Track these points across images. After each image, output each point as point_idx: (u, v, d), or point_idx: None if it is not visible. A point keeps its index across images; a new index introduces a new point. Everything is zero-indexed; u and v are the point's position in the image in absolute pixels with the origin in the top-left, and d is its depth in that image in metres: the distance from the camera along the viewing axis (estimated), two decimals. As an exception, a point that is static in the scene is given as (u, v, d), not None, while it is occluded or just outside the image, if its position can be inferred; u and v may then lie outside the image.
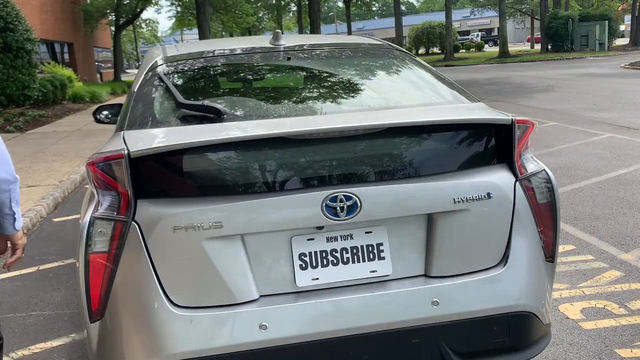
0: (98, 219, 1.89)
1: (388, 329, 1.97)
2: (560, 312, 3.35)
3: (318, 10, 29.42)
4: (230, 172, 1.93)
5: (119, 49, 34.21)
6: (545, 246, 2.17)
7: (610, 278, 3.81)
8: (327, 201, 1.91)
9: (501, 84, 19.56)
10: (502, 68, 28.98)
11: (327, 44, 2.93)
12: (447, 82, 2.58)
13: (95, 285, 1.89)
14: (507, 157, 2.13)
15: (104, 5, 31.03)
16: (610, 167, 6.85)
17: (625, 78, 18.61)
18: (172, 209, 1.87)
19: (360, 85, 2.54)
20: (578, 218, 5.07)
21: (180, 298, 1.89)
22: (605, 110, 11.51)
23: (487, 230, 2.07)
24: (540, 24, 40.77)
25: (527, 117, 2.15)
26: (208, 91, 2.54)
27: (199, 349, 1.86)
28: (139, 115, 2.21)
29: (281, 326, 1.90)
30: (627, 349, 2.93)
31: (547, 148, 8.12)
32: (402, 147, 2.06)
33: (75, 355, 3.22)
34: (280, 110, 2.23)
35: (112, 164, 1.87)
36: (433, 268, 2.04)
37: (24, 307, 3.93)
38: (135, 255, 1.87)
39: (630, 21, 46.60)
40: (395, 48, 2.96)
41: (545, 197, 2.15)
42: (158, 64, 2.59)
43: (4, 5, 13.92)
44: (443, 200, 2.00)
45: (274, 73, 2.71)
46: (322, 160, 1.98)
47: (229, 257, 1.90)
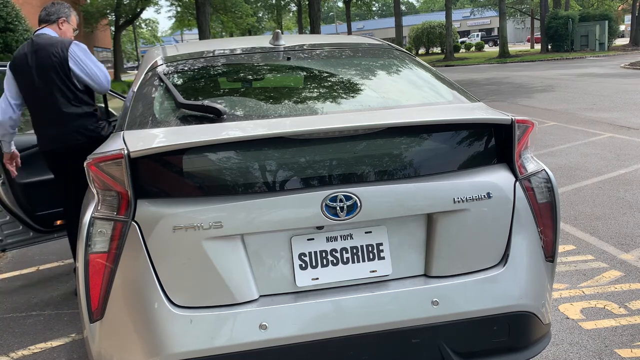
0: (98, 219, 1.89)
1: (388, 329, 1.97)
2: (560, 312, 3.35)
3: (318, 10, 29.42)
4: (230, 172, 1.93)
5: (119, 49, 34.24)
6: (545, 246, 2.17)
7: (610, 278, 3.81)
8: (327, 201, 1.91)
9: (501, 84, 19.56)
10: (502, 68, 28.98)
11: (327, 44, 2.93)
12: (447, 82, 2.58)
13: (95, 285, 1.89)
14: (507, 156, 2.13)
15: (104, 5, 31.08)
16: (610, 167, 6.85)
17: (625, 78, 18.61)
18: (172, 208, 1.87)
19: (360, 85, 2.54)
20: (578, 218, 5.08)
21: (180, 298, 1.89)
22: (605, 110, 11.51)
23: (487, 230, 2.07)
24: (540, 24, 40.75)
25: (527, 117, 2.15)
26: (208, 91, 2.54)
27: (199, 349, 1.86)
28: (138, 115, 2.21)
29: (281, 326, 1.90)
30: (627, 349, 2.93)
31: (547, 148, 8.12)
32: (401, 147, 2.06)
33: (75, 355, 3.22)
34: (280, 110, 2.23)
35: (112, 163, 1.87)
36: (433, 268, 2.04)
37: (24, 307, 3.93)
38: (135, 255, 1.87)
39: (630, 21, 46.59)
40: (395, 48, 2.96)
41: (545, 197, 2.15)
42: (158, 64, 2.59)
43: (4, 5, 13.91)
44: (443, 200, 2.00)
45: (273, 73, 2.71)
46: (322, 160, 1.98)
47: (229, 257, 1.90)
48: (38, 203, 3.97)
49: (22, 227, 3.99)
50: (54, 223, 4.11)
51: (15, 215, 3.91)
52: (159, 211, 1.87)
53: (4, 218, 3.91)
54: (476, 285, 2.04)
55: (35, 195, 3.96)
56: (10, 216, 3.91)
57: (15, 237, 3.99)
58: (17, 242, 4.02)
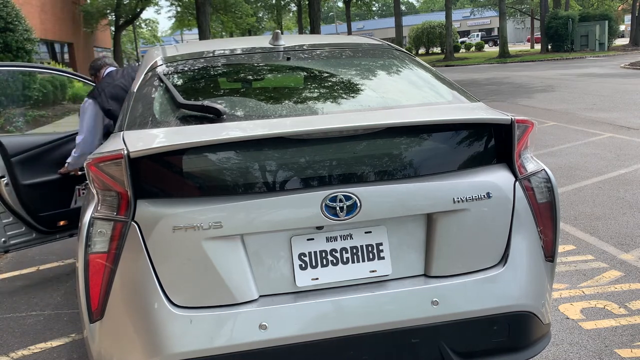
0: (98, 219, 1.89)
1: (388, 329, 1.97)
2: (560, 312, 3.35)
3: (318, 11, 29.41)
4: (230, 172, 1.93)
5: (119, 49, 34.23)
6: (545, 246, 2.17)
7: (610, 278, 3.81)
8: (326, 201, 1.91)
9: (501, 84, 19.56)
10: (502, 68, 28.97)
11: (327, 44, 2.93)
12: (447, 82, 2.58)
13: (95, 286, 1.89)
14: (507, 156, 2.13)
15: (104, 5, 31.05)
16: (610, 167, 6.85)
17: (626, 78, 18.61)
18: (171, 209, 1.87)
19: (360, 85, 2.54)
20: (578, 218, 5.08)
21: (180, 298, 1.89)
22: (605, 110, 11.51)
23: (486, 230, 2.07)
24: (540, 24, 40.73)
25: (527, 117, 2.15)
26: (207, 91, 2.54)
27: (199, 349, 1.86)
28: (138, 116, 2.21)
29: (281, 326, 1.90)
30: (627, 349, 2.93)
31: (547, 148, 8.12)
32: (401, 147, 2.06)
33: (75, 355, 3.22)
34: (280, 110, 2.23)
35: (112, 164, 1.87)
36: (433, 268, 2.04)
37: (24, 307, 3.93)
38: (135, 256, 1.87)
39: (630, 21, 46.58)
40: (394, 48, 2.96)
41: (545, 197, 2.15)
42: (158, 64, 2.59)
43: (4, 5, 13.91)
44: (443, 200, 2.00)
45: (273, 73, 2.71)
46: (322, 160, 1.98)
47: (229, 257, 1.90)
48: (41, 204, 3.98)
49: (25, 228, 3.99)
50: (57, 224, 4.12)
51: (19, 216, 3.92)
52: (159, 211, 1.87)
53: (7, 219, 3.90)
54: (476, 285, 2.04)
55: (39, 196, 3.97)
56: (13, 217, 3.91)
57: (19, 237, 3.98)
58: (21, 243, 4.02)
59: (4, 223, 3.90)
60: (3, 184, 3.81)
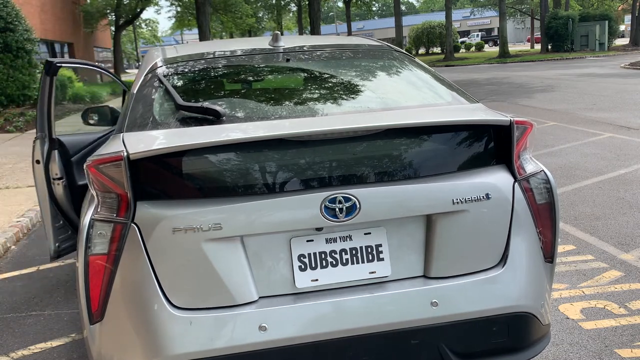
0: (97, 221, 1.89)
1: (387, 330, 1.97)
2: (560, 312, 3.35)
3: (318, 11, 29.42)
4: (230, 173, 1.93)
5: (119, 49, 34.25)
6: (544, 247, 2.17)
7: (610, 278, 3.81)
8: (326, 202, 1.91)
9: (501, 84, 19.56)
10: (502, 68, 28.97)
11: (326, 46, 2.93)
12: (446, 83, 2.58)
13: (95, 287, 1.90)
14: (506, 157, 2.13)
15: (104, 5, 31.07)
16: (610, 167, 6.85)
17: (625, 78, 18.61)
18: (171, 210, 1.87)
19: (359, 87, 2.54)
20: (578, 218, 5.08)
21: (179, 299, 1.89)
22: (605, 110, 11.51)
23: (486, 231, 2.07)
24: (540, 24, 40.72)
25: (527, 118, 2.15)
26: (207, 93, 2.54)
27: (199, 351, 1.87)
28: (138, 117, 2.21)
29: (281, 327, 1.90)
30: (627, 349, 2.94)
31: (547, 148, 8.12)
32: (401, 148, 2.06)
33: (75, 355, 3.23)
34: (280, 112, 2.23)
35: (112, 165, 1.87)
36: (432, 269, 2.04)
37: (24, 307, 3.93)
38: (135, 257, 1.87)
39: (630, 21, 46.57)
40: (394, 49, 2.96)
41: (544, 198, 2.15)
42: (157, 65, 2.59)
43: (4, 5, 13.92)
44: (442, 201, 2.00)
45: (273, 75, 2.71)
46: (321, 161, 1.98)
47: (229, 259, 1.90)
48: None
49: (71, 232, 3.72)
50: None
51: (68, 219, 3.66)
52: (159, 213, 1.87)
53: (58, 222, 3.62)
54: (475, 286, 2.04)
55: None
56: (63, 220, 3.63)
57: (67, 242, 3.73)
58: (69, 248, 3.75)
59: (56, 227, 3.62)
60: (62, 186, 3.58)
